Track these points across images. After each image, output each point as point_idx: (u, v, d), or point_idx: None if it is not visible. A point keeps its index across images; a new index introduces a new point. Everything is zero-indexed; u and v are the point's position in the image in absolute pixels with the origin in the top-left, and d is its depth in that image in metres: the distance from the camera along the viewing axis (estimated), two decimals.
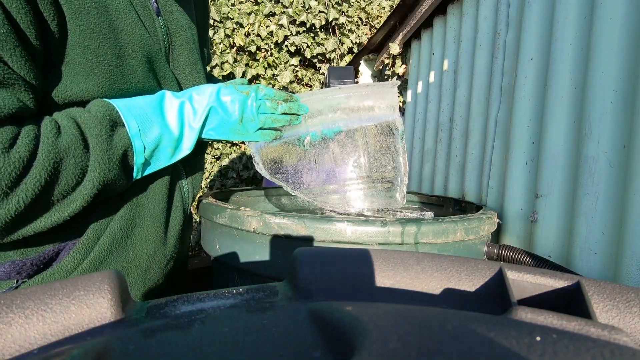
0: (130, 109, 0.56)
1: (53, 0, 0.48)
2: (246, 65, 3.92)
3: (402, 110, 2.13)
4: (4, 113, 0.44)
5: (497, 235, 1.22)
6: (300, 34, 4.05)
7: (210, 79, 0.95)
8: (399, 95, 2.15)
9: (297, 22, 3.99)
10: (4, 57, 0.44)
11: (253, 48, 3.92)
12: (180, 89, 0.69)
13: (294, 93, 0.74)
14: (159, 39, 0.64)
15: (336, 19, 4.11)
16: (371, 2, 4.45)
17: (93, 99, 0.54)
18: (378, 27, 2.97)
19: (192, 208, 0.76)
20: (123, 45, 0.56)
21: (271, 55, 4.03)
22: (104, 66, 0.53)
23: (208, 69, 0.88)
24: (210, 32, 3.84)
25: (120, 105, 0.55)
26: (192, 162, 0.73)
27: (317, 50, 4.10)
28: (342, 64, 4.22)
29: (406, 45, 2.11)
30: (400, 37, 2.06)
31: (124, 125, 0.54)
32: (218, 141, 0.69)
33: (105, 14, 0.53)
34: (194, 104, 0.63)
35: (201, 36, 0.80)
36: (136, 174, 0.57)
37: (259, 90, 0.67)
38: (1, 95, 0.44)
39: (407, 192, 1.19)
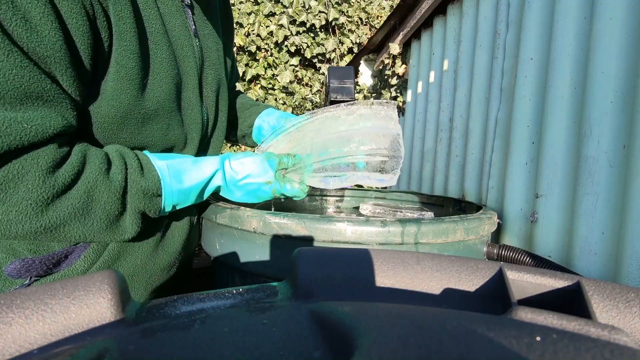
0: (171, 186, 0.60)
1: (108, 25, 0.51)
2: (246, 65, 3.92)
3: (402, 110, 2.13)
4: (49, 133, 0.47)
5: (497, 235, 1.22)
6: (300, 34, 4.05)
7: (236, 95, 0.99)
8: (399, 95, 2.15)
9: (297, 22, 3.99)
10: (56, 77, 0.47)
11: (253, 48, 3.92)
12: (201, 111, 0.71)
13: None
14: (196, 59, 0.68)
15: (336, 19, 4.11)
16: (371, 2, 4.45)
17: (118, 115, 0.57)
18: (378, 27, 2.97)
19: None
20: (152, 67, 0.59)
21: (271, 55, 4.03)
22: (133, 84, 0.56)
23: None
24: None
25: (168, 181, 0.59)
26: None
27: (317, 50, 4.10)
28: (342, 64, 4.22)
29: (406, 45, 2.11)
30: (400, 37, 2.06)
31: (160, 196, 0.59)
32: None
33: (140, 37, 0.57)
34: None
35: (226, 47, 0.82)
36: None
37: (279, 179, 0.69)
38: (48, 114, 0.47)
39: (407, 192, 1.19)
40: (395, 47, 2.10)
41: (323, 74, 4.17)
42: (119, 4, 0.52)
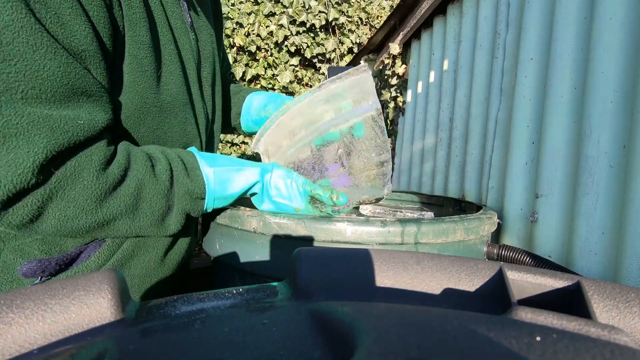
0: (215, 191, 0.61)
1: (122, 13, 0.51)
2: (246, 65, 3.92)
3: (402, 111, 2.13)
4: (98, 128, 0.47)
5: (497, 235, 1.22)
6: (300, 34, 4.05)
7: (227, 85, 0.98)
8: (399, 95, 2.15)
9: (297, 22, 3.99)
10: (91, 71, 0.47)
11: (253, 48, 3.92)
12: (203, 104, 0.71)
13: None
14: (194, 52, 0.67)
15: (336, 19, 4.11)
16: (371, 2, 4.45)
17: (134, 108, 0.56)
18: (378, 27, 2.97)
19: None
20: (162, 59, 0.59)
21: (271, 55, 4.03)
22: (146, 76, 0.56)
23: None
24: None
25: (212, 185, 0.60)
26: None
27: (317, 50, 4.11)
28: (342, 64, 4.22)
29: (406, 45, 2.11)
30: (400, 37, 2.06)
31: (204, 199, 0.60)
32: None
33: (150, 28, 0.57)
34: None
35: (218, 38, 0.82)
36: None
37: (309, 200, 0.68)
38: (94, 110, 0.47)
39: (407, 192, 1.19)
40: (395, 47, 2.10)
41: (323, 74, 4.17)
42: None
